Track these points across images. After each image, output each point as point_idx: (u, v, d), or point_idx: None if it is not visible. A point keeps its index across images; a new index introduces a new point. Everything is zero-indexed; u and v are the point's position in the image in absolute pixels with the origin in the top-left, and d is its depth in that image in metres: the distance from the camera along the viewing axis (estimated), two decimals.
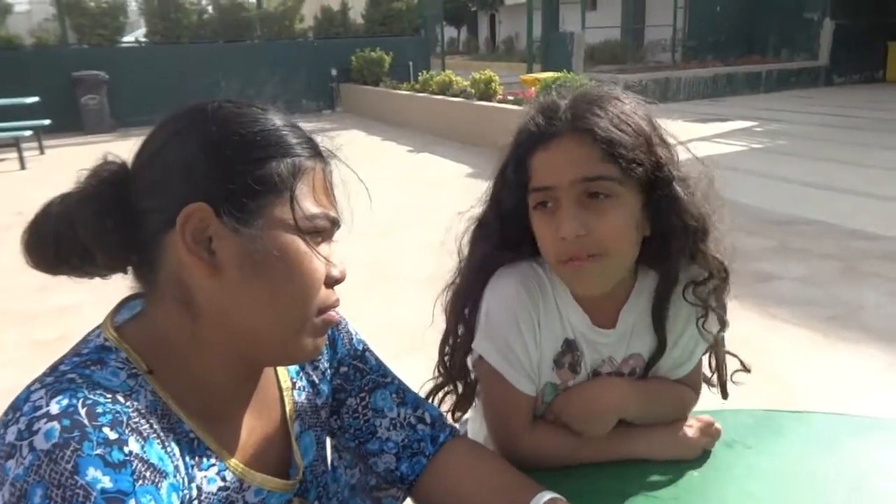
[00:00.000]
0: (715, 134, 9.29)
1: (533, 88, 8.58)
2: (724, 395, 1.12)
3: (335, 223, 0.75)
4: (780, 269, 4.14)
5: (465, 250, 1.10)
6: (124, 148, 0.75)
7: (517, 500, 0.85)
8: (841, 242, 4.68)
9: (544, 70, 13.03)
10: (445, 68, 13.44)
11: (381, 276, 4.32)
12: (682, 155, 1.00)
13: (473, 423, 1.24)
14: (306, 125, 0.78)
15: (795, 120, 10.48)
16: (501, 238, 1.04)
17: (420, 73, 11.89)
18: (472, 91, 9.73)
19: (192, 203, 0.66)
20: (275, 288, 0.70)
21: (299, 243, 0.70)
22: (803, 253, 4.50)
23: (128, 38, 13.59)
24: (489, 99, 9.42)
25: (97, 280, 0.74)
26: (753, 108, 11.97)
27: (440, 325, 1.10)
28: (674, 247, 0.97)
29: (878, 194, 5.88)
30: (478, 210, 1.08)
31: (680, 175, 0.96)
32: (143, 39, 13.75)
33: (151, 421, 0.64)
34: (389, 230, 5.21)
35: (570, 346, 1.06)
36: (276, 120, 0.73)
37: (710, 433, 1.07)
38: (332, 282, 0.75)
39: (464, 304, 1.07)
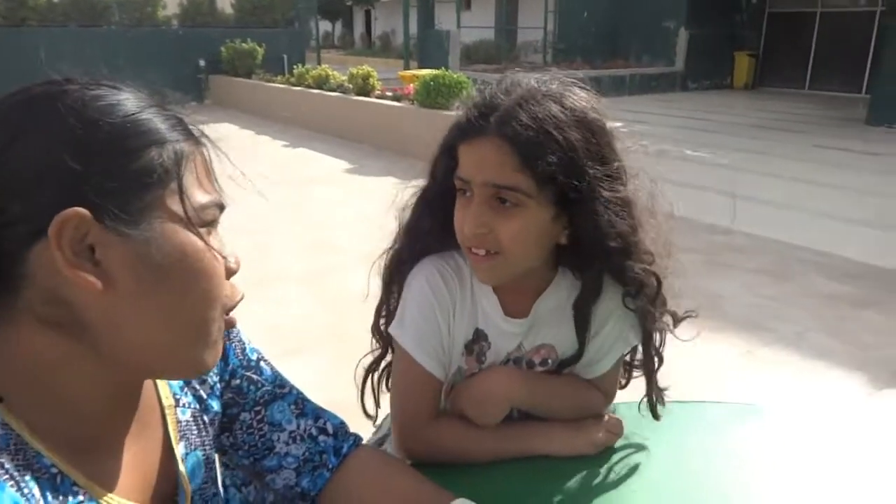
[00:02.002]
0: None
1: (411, 85, 8.58)
2: (655, 416, 1.10)
3: (222, 209, 0.67)
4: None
5: (405, 216, 1.09)
6: None
7: None
8: (700, 237, 5.01)
9: (421, 67, 13.10)
10: (321, 62, 13.19)
11: (259, 275, 4.14)
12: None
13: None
14: None
15: (656, 122, 11.17)
16: (439, 208, 1.03)
17: (295, 67, 11.60)
18: (350, 86, 9.61)
19: (64, 209, 0.55)
20: (178, 293, 0.61)
21: (194, 239, 0.61)
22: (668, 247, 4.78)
23: None
24: (367, 94, 9.34)
25: None
26: (619, 109, 12.55)
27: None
28: (594, 262, 0.99)
29: (730, 192, 6.36)
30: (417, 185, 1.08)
31: (605, 195, 0.92)
32: None
33: (2, 459, 0.54)
34: (267, 228, 5.02)
35: (478, 336, 1.07)
36: (137, 100, 0.63)
37: (612, 429, 1.08)
38: (230, 274, 0.67)
39: (397, 269, 1.09)
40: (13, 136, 0.57)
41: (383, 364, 1.17)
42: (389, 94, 9.05)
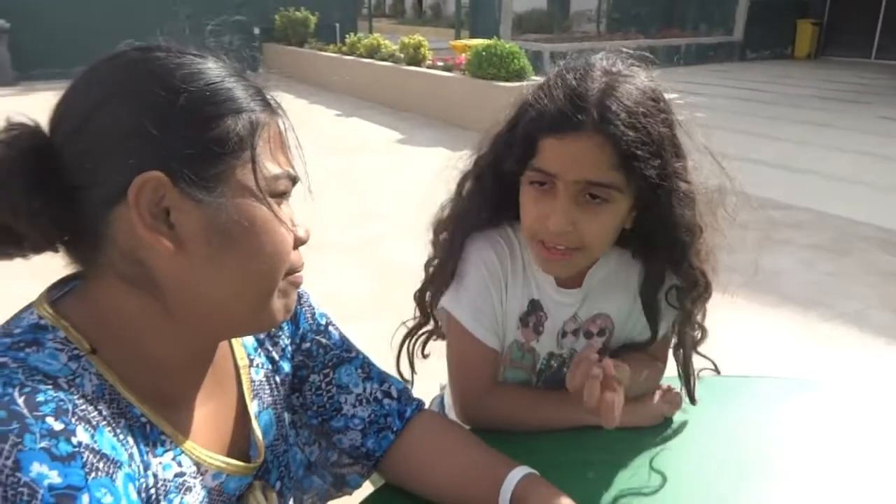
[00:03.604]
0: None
1: (463, 55, 8.51)
2: (692, 400, 1.10)
3: (295, 181, 0.70)
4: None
5: (456, 191, 1.09)
6: (30, 103, 0.65)
7: (491, 477, 0.84)
8: (757, 212, 4.89)
9: (472, 36, 12.96)
10: (373, 31, 13.16)
11: (309, 245, 4.23)
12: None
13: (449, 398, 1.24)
14: None
15: (712, 93, 10.84)
16: (493, 195, 1.03)
17: (347, 36, 11.59)
18: (402, 56, 9.57)
19: (144, 173, 0.58)
20: (245, 259, 0.64)
21: (264, 209, 0.64)
22: (722, 222, 4.68)
23: None
24: (418, 64, 9.28)
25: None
26: (674, 80, 11.85)
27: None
28: (661, 253, 0.99)
29: (788, 166, 6.18)
30: (474, 156, 1.06)
31: (681, 188, 0.94)
32: None
33: (100, 407, 0.58)
34: (317, 196, 5.07)
35: (534, 307, 1.08)
36: (219, 69, 0.65)
37: (671, 400, 1.09)
38: (298, 244, 0.71)
39: (449, 245, 1.07)
40: (102, 99, 0.61)
41: (422, 332, 1.19)
42: (440, 63, 8.99)
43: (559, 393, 1.03)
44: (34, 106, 0.65)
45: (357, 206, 5.01)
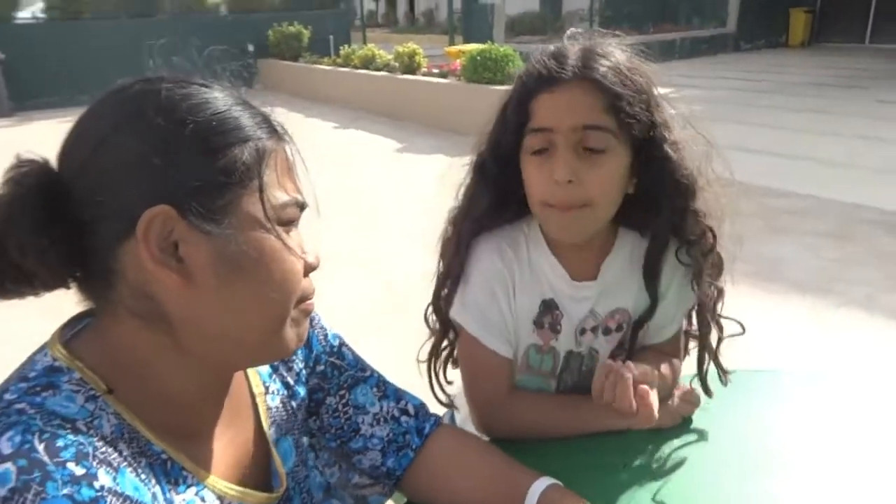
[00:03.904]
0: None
1: (458, 61, 8.54)
2: (707, 392, 1.09)
3: (303, 207, 0.69)
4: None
5: (460, 195, 1.09)
6: (27, 133, 0.66)
7: (514, 489, 0.83)
8: (759, 200, 4.90)
9: (466, 42, 12.99)
10: (366, 42, 13.21)
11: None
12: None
13: (460, 415, 1.24)
14: None
15: (709, 86, 10.84)
16: (496, 183, 1.04)
17: (341, 47, 11.64)
18: (396, 65, 9.60)
19: (152, 206, 0.58)
20: (255, 289, 0.63)
21: (273, 238, 0.64)
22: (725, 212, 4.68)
23: (23, 14, 12.73)
24: (414, 72, 9.32)
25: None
26: (669, 74, 12.21)
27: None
28: (665, 205, 0.99)
29: (788, 154, 6.18)
30: (474, 154, 1.08)
31: (672, 138, 0.98)
32: (40, 15, 12.90)
33: (120, 447, 0.58)
34: (319, 207, 5.09)
35: (548, 307, 1.07)
36: (225, 98, 0.64)
37: (689, 400, 1.07)
38: (308, 270, 0.70)
39: (456, 250, 1.07)
40: (108, 133, 0.60)
41: (443, 347, 1.16)
42: (436, 70, 9.02)
43: (581, 398, 1.02)
44: (31, 136, 0.66)
45: (359, 217, 5.03)
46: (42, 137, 0.63)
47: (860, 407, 1.10)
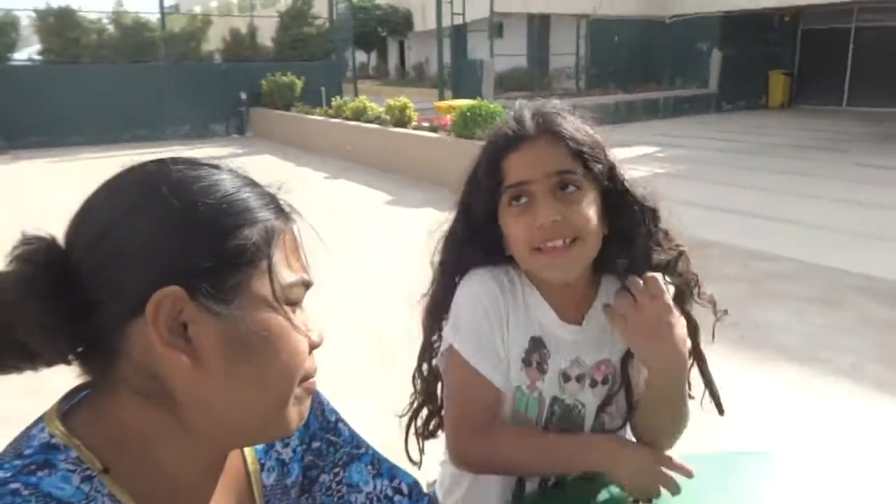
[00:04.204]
0: (621, 159, 9.70)
1: (448, 116, 8.69)
2: (720, 410, 1.13)
3: (308, 286, 0.70)
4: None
5: (437, 261, 1.15)
6: (19, 171, 0.65)
7: None
8: (745, 263, 4.97)
9: (455, 96, 13.25)
10: (358, 93, 13.42)
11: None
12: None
13: (446, 467, 1.23)
14: (216, 150, 0.72)
15: (692, 145, 11.10)
16: (471, 244, 1.11)
17: (332, 98, 11.83)
18: (388, 117, 9.76)
19: (163, 287, 0.58)
20: (262, 368, 0.64)
21: (281, 318, 0.64)
22: (711, 275, 4.72)
23: (20, 56, 12.86)
24: (404, 125, 9.47)
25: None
26: (653, 133, 12.59)
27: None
28: (638, 231, 1.06)
29: (771, 216, 6.30)
30: (447, 225, 1.15)
31: (629, 175, 1.09)
32: (37, 58, 13.04)
33: None
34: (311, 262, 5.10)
35: (536, 344, 1.09)
36: (235, 180, 0.65)
37: (681, 471, 1.03)
38: (313, 348, 0.71)
39: (440, 313, 1.14)
40: (120, 213, 0.61)
41: (425, 412, 1.19)
42: (426, 124, 9.17)
43: (566, 437, 1.07)
44: (22, 173, 0.65)
45: (348, 270, 5.03)
46: (32, 173, 0.63)
47: (846, 491, 1.10)
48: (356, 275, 4.93)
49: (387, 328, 3.81)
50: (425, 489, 1.28)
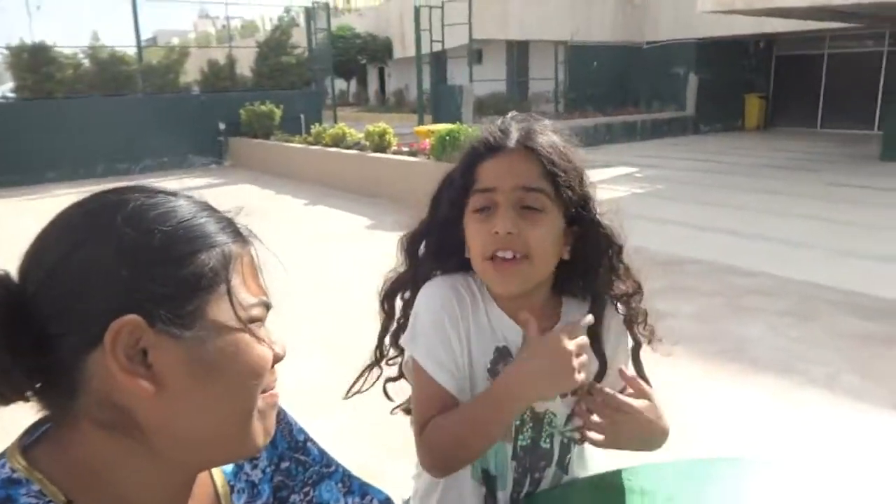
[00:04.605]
0: (600, 180, 9.72)
1: (427, 140, 8.74)
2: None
3: (268, 307, 0.70)
4: (672, 307, 4.36)
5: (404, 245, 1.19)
6: None
7: None
8: (723, 279, 5.00)
9: (435, 121, 13.34)
10: (337, 120, 13.48)
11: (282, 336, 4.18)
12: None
13: (419, 480, 1.23)
14: (195, 181, 0.73)
15: (670, 166, 11.24)
16: (436, 241, 1.14)
17: (312, 126, 11.87)
18: (367, 143, 9.80)
19: (120, 317, 0.57)
20: (225, 388, 0.63)
21: (242, 336, 0.64)
22: (691, 291, 4.77)
23: None
24: (384, 151, 9.51)
25: None
26: (632, 155, 12.74)
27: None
28: (603, 265, 1.09)
29: (748, 233, 6.37)
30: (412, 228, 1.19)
31: (602, 210, 1.11)
32: (10, 94, 12.97)
33: None
34: (287, 286, 5.06)
35: (501, 354, 1.10)
36: (191, 206, 0.65)
37: (570, 334, 1.00)
38: (276, 361, 0.70)
39: (396, 293, 1.18)
40: (75, 244, 0.60)
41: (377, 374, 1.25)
42: (406, 149, 9.22)
43: (486, 392, 1.05)
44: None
45: (327, 294, 5.00)
46: (4, 216, 0.61)
47: (820, 496, 1.10)
48: (335, 300, 4.90)
49: (364, 354, 3.76)
50: None
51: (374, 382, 1.26)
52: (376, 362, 1.23)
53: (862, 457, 2.64)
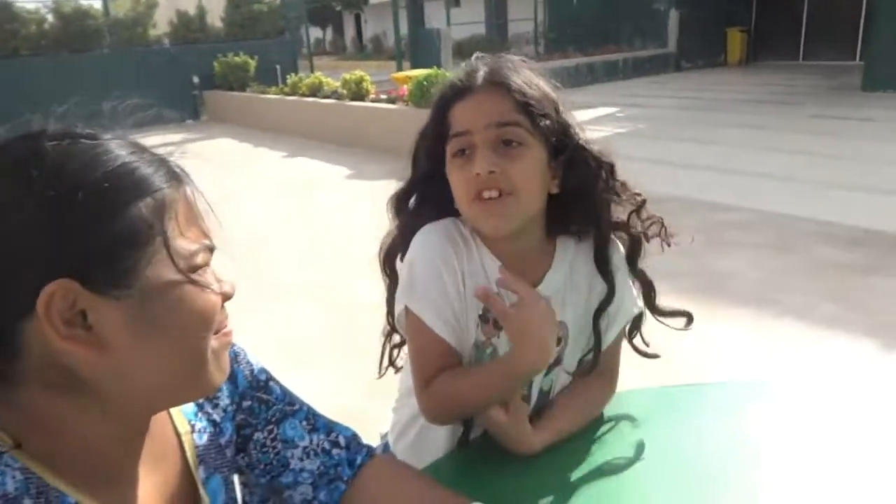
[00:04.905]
0: (583, 121, 9.71)
1: (405, 86, 8.59)
2: (690, 319, 1.19)
3: (212, 250, 0.67)
4: (651, 245, 4.35)
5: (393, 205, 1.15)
6: None
7: None
8: (703, 215, 5.01)
9: (414, 67, 13.09)
10: (314, 70, 13.21)
11: (264, 288, 4.17)
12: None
13: (399, 413, 1.25)
14: (171, 137, 0.70)
15: (652, 104, 11.14)
16: (422, 197, 1.12)
17: (288, 76, 11.61)
18: (344, 92, 9.62)
19: (50, 283, 0.55)
20: (174, 337, 0.62)
21: (186, 288, 0.62)
22: (672, 228, 4.77)
23: None
24: (362, 99, 9.35)
25: None
26: (614, 94, 12.61)
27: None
28: (596, 187, 1.06)
29: (730, 169, 6.36)
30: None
31: (585, 136, 1.07)
32: None
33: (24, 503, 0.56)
34: (270, 238, 5.05)
35: None
36: (119, 149, 0.61)
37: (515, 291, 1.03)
38: (224, 300, 0.69)
39: (395, 255, 1.14)
40: None
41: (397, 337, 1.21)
42: (384, 96, 9.06)
43: (495, 360, 1.07)
44: None
45: (310, 245, 4.98)
46: None
47: (801, 416, 1.12)
48: (316, 249, 4.88)
49: (346, 302, 3.78)
50: (378, 440, 1.29)
51: (399, 350, 1.23)
52: (393, 329, 1.20)
53: (838, 381, 2.69)
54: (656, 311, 1.16)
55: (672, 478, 0.99)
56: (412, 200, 1.13)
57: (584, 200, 1.06)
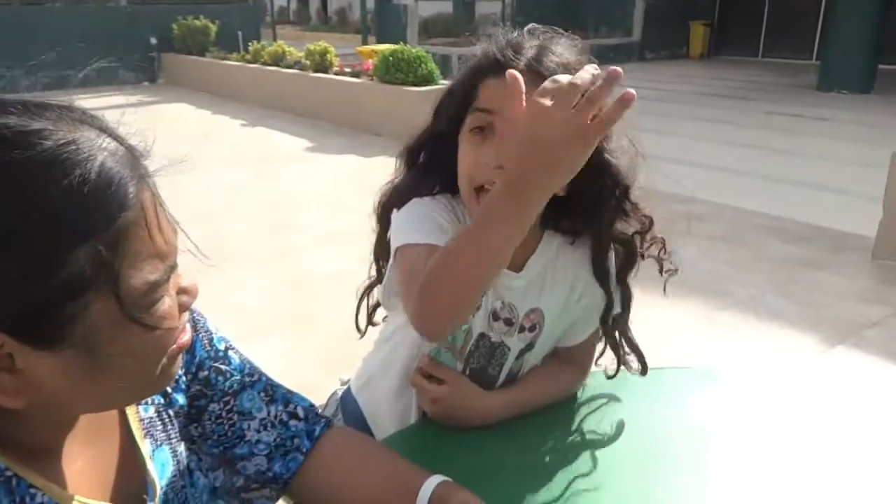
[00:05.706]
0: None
1: (370, 60, 8.48)
2: (644, 370, 1.17)
3: (174, 269, 0.62)
4: None
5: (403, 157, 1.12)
6: None
7: (407, 486, 0.83)
8: (661, 205, 5.09)
9: (379, 42, 12.92)
10: (277, 39, 12.91)
11: (220, 257, 4.10)
12: None
13: (366, 363, 1.24)
14: (126, 98, 0.64)
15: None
16: (432, 154, 1.08)
17: (250, 44, 11.32)
18: (308, 63, 9.44)
19: None
20: (121, 375, 0.60)
21: (136, 328, 0.58)
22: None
23: None
24: (325, 71, 9.18)
25: None
26: None
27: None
28: (607, 205, 1.03)
29: (687, 161, 6.46)
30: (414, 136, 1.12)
31: (611, 146, 1.02)
32: None
33: None
34: (227, 209, 4.95)
35: None
36: (67, 155, 0.52)
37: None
38: (187, 307, 0.66)
39: (393, 204, 1.09)
40: None
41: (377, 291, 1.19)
42: (348, 70, 8.93)
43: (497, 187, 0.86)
44: None
45: (268, 217, 4.90)
46: None
47: (747, 402, 1.17)
48: (273, 222, 4.81)
49: (303, 274, 3.74)
50: (339, 385, 1.28)
51: (377, 307, 1.21)
52: (378, 280, 1.17)
53: (783, 370, 2.79)
54: (622, 335, 1.17)
55: (625, 457, 1.02)
56: (422, 155, 1.10)
57: (588, 210, 1.04)
